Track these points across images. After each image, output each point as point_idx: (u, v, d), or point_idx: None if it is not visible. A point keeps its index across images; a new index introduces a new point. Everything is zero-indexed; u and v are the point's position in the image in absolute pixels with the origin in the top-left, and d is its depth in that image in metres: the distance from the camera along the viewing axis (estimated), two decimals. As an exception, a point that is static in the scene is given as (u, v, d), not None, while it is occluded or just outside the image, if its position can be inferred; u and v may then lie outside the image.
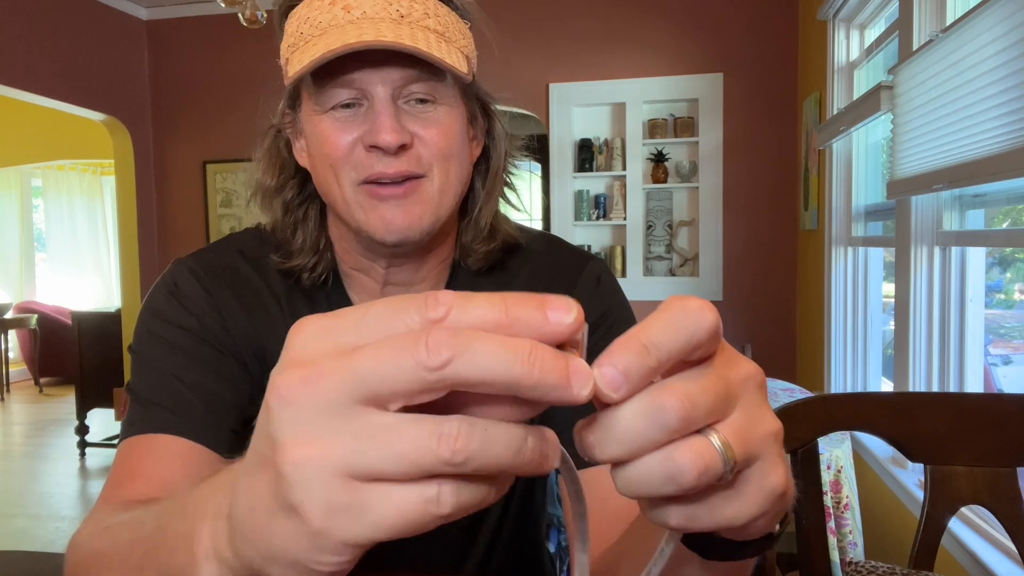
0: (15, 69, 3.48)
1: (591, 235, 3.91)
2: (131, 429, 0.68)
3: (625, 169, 3.74)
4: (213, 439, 0.68)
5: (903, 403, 0.95)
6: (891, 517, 2.08)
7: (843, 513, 1.82)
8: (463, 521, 0.26)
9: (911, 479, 1.95)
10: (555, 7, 3.80)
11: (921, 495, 0.98)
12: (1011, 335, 2.30)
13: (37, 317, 6.67)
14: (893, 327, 2.15)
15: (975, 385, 1.81)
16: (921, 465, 0.95)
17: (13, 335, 7.02)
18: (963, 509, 1.37)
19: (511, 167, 0.82)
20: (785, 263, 3.64)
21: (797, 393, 2.28)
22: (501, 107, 0.81)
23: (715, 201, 3.68)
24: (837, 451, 1.83)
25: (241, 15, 2.85)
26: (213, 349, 0.73)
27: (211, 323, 0.74)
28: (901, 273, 2.02)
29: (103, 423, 4.82)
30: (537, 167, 4.28)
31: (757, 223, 3.67)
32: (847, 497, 1.83)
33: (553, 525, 1.28)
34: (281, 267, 0.77)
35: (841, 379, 2.83)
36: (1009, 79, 1.37)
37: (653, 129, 3.73)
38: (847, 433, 1.97)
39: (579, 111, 3.85)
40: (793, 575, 2.14)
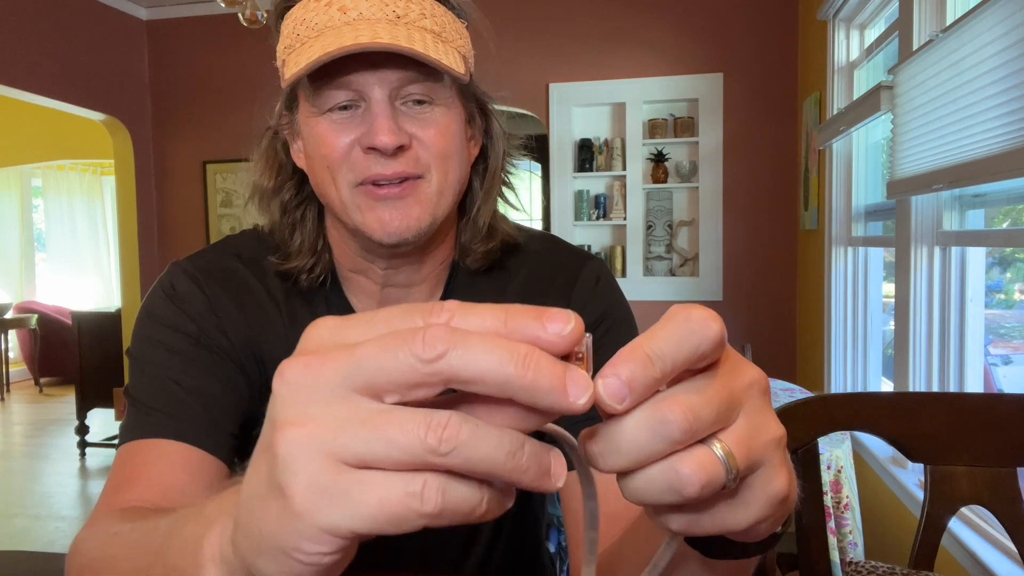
0: (15, 69, 3.48)
1: (591, 235, 3.91)
2: (130, 434, 0.68)
3: (625, 169, 3.74)
4: (212, 443, 0.68)
5: (903, 403, 0.95)
6: (891, 517, 2.08)
7: (843, 513, 1.82)
8: None
9: (911, 479, 1.95)
10: (555, 7, 3.80)
11: (921, 495, 0.98)
12: (1011, 335, 2.30)
13: (37, 317, 6.67)
14: (893, 327, 2.15)
15: (975, 385, 1.81)
16: (921, 465, 0.95)
17: (13, 335, 7.02)
18: (963, 509, 1.37)
19: (509, 167, 0.81)
20: (785, 263, 3.64)
21: (797, 393, 2.28)
22: (500, 107, 0.80)
23: (715, 201, 3.68)
24: (837, 451, 1.83)
25: (241, 15, 2.86)
26: (211, 352, 0.72)
27: (209, 326, 0.73)
28: (901, 273, 2.02)
29: (103, 423, 4.82)
30: (537, 167, 4.28)
31: (757, 223, 3.67)
32: (847, 497, 1.83)
33: (553, 525, 1.28)
34: (279, 269, 0.77)
35: (841, 379, 2.82)
36: (1009, 79, 1.37)
37: (653, 129, 3.73)
38: (847, 433, 1.97)
39: (579, 111, 3.84)
40: (793, 575, 2.14)
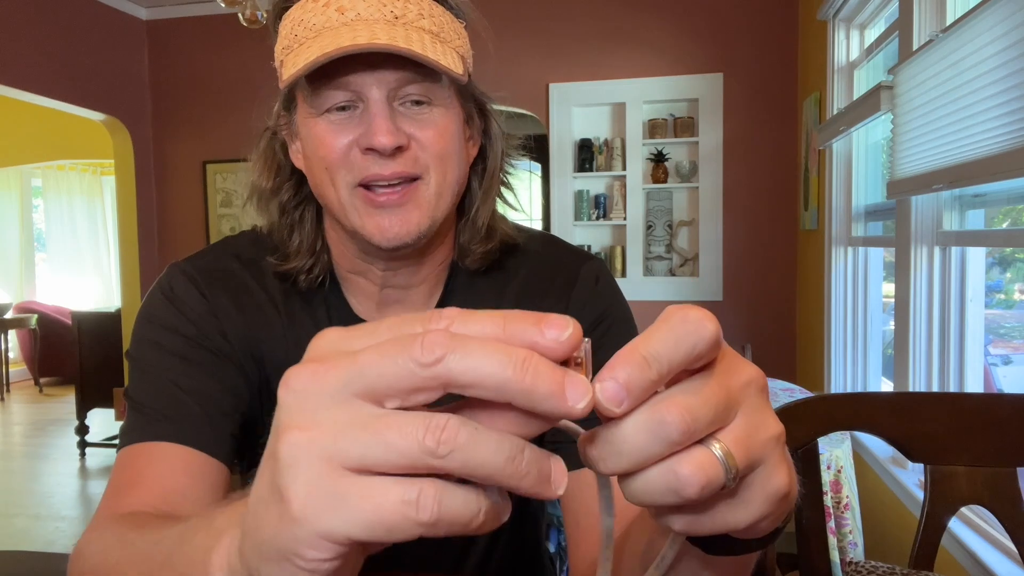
0: (15, 69, 3.48)
1: (591, 235, 3.91)
2: (130, 437, 0.68)
3: (625, 169, 3.74)
4: (214, 446, 0.68)
5: (903, 403, 0.95)
6: (891, 517, 2.08)
7: (843, 513, 1.82)
8: None
9: (911, 479, 1.95)
10: (555, 7, 3.80)
11: (921, 495, 0.98)
12: (1011, 335, 2.30)
13: (37, 317, 6.67)
14: (893, 327, 2.15)
15: (975, 385, 1.81)
16: (921, 465, 0.95)
17: (13, 335, 7.02)
18: (963, 509, 1.37)
19: (508, 167, 0.81)
20: (785, 263, 3.64)
21: (797, 393, 2.28)
22: (499, 107, 0.80)
23: (715, 201, 3.68)
24: (837, 451, 1.83)
25: (241, 15, 2.86)
26: (211, 354, 0.72)
27: (208, 328, 0.73)
28: (901, 273, 2.02)
29: (103, 423, 4.82)
30: (537, 167, 4.28)
31: (757, 223, 3.67)
32: (847, 497, 1.83)
33: (553, 525, 1.28)
34: (277, 270, 0.76)
35: (841, 379, 2.82)
36: (1009, 79, 1.37)
37: (653, 129, 3.73)
38: (847, 433, 1.97)
39: (579, 111, 3.84)
40: (793, 575, 2.14)
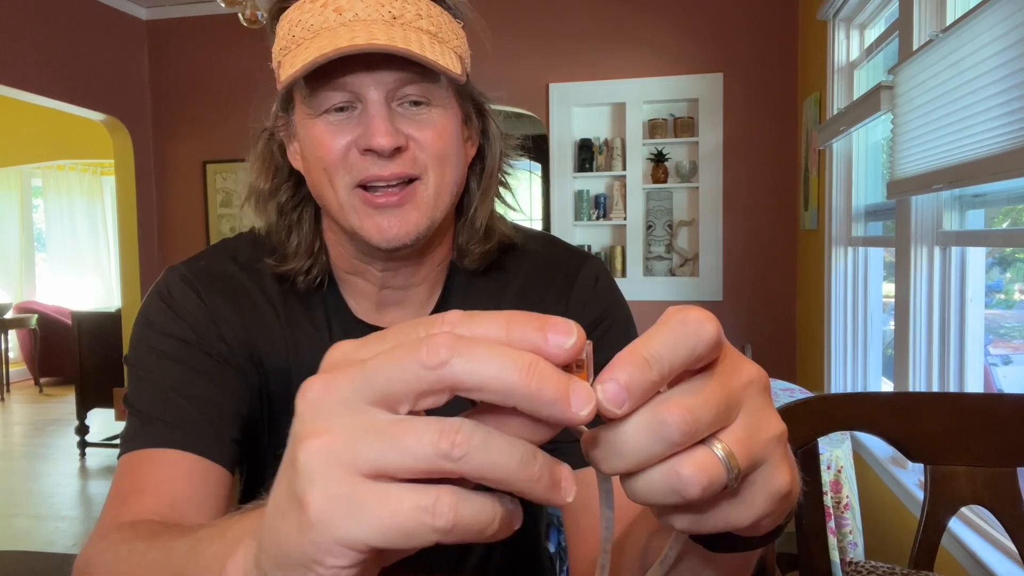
0: (15, 69, 3.48)
1: (591, 235, 3.91)
2: (131, 443, 0.68)
3: (625, 169, 3.74)
4: (215, 451, 0.68)
5: (903, 403, 0.95)
6: (891, 517, 2.08)
7: (843, 513, 1.82)
8: None
9: (911, 479, 1.94)
10: (555, 7, 3.80)
11: (921, 495, 0.98)
12: (1011, 335, 2.30)
13: (37, 317, 6.67)
14: (893, 327, 2.15)
15: (975, 385, 1.81)
16: (921, 465, 0.95)
17: (13, 335, 7.02)
18: (963, 509, 1.37)
19: (506, 167, 0.81)
20: (785, 263, 3.64)
21: (797, 393, 2.28)
22: (498, 106, 0.80)
23: (715, 201, 3.68)
24: (837, 451, 1.83)
25: (241, 15, 2.86)
26: (210, 359, 0.72)
27: (206, 332, 0.73)
28: (901, 273, 2.02)
29: (103, 423, 4.82)
30: (537, 167, 4.28)
31: (757, 223, 3.67)
32: (847, 497, 1.83)
33: (553, 525, 1.28)
34: (276, 271, 0.76)
35: (841, 379, 2.82)
36: (1009, 79, 1.37)
37: (653, 129, 3.73)
38: (847, 433, 1.97)
39: (579, 111, 3.84)
40: (793, 575, 2.14)
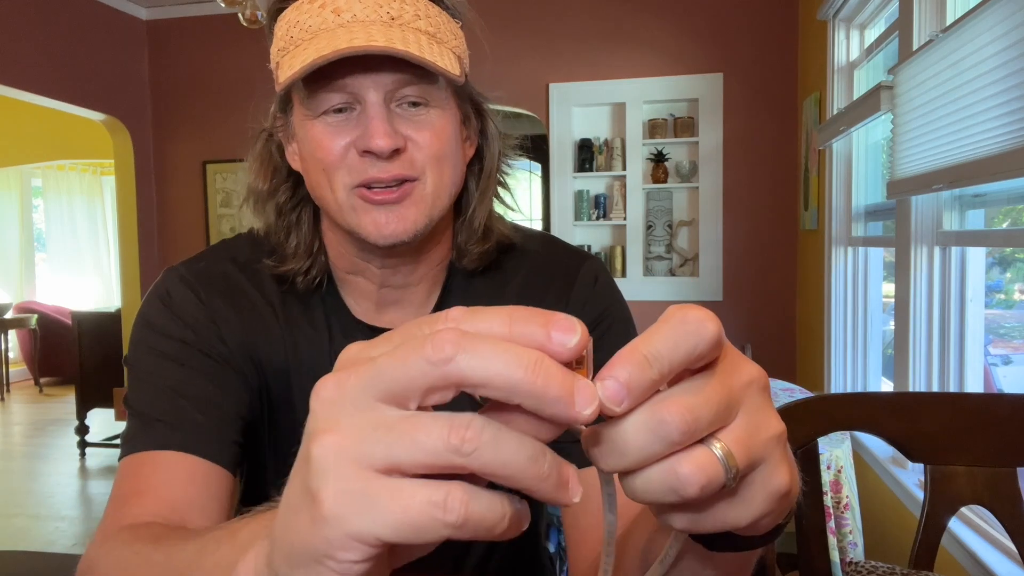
0: (15, 69, 3.48)
1: (591, 235, 3.91)
2: (132, 446, 0.67)
3: (625, 169, 3.74)
4: (216, 452, 0.68)
5: (903, 403, 0.95)
6: (891, 517, 2.08)
7: (843, 513, 1.82)
8: None
9: (911, 479, 1.94)
10: (555, 7, 3.80)
11: (921, 495, 0.98)
12: (1011, 335, 2.30)
13: (37, 317, 6.67)
14: (893, 327, 2.15)
15: (975, 385, 1.81)
16: (921, 465, 0.95)
17: (13, 335, 7.02)
18: (963, 509, 1.37)
19: (505, 167, 0.81)
20: (785, 263, 3.64)
21: (797, 393, 2.28)
22: (498, 106, 0.80)
23: (715, 201, 3.68)
24: (837, 451, 1.83)
25: (241, 15, 2.86)
26: (210, 360, 0.72)
27: (206, 333, 0.73)
28: (901, 273, 2.02)
29: (103, 423, 4.82)
30: (537, 167, 4.28)
31: (757, 223, 3.67)
32: (847, 497, 1.83)
33: (553, 525, 1.28)
34: (275, 272, 0.76)
35: (841, 379, 2.82)
36: (1009, 79, 1.37)
37: (653, 129, 3.73)
38: (847, 433, 1.97)
39: (579, 111, 3.84)
40: (793, 575, 2.14)
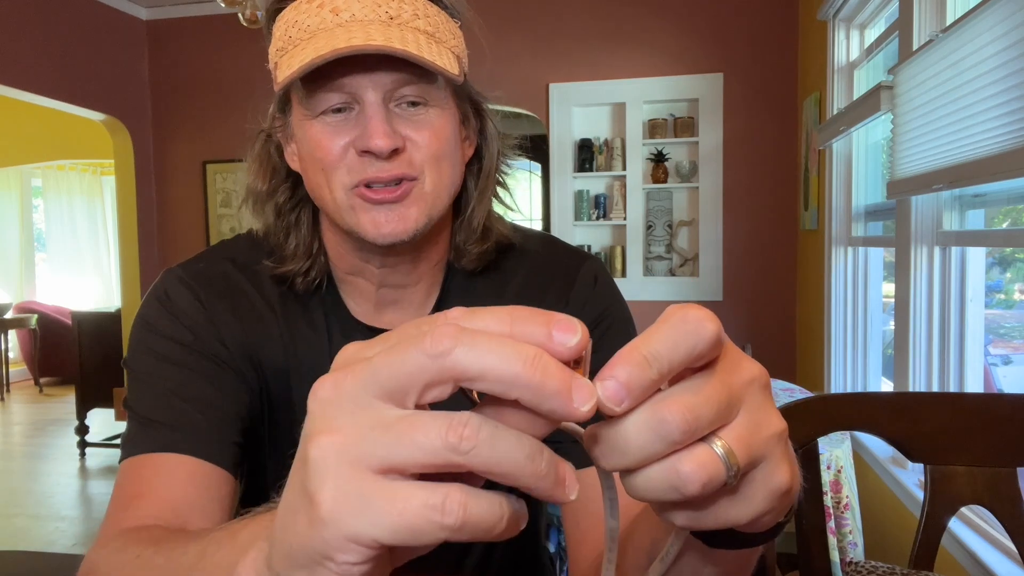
0: (15, 69, 3.48)
1: (591, 235, 3.91)
2: (132, 448, 0.67)
3: (625, 169, 3.74)
4: (217, 454, 0.67)
5: (903, 403, 0.95)
6: (891, 517, 2.08)
7: (843, 513, 1.82)
8: None
9: (911, 479, 1.94)
10: (555, 7, 3.80)
11: (921, 495, 0.98)
12: (1011, 335, 2.30)
13: (37, 317, 6.67)
14: (893, 327, 2.15)
15: (975, 385, 1.81)
16: (921, 465, 0.95)
17: (13, 335, 7.02)
18: (963, 509, 1.37)
19: (504, 167, 0.81)
20: (785, 263, 3.64)
21: (797, 393, 2.28)
22: (497, 106, 0.80)
23: (715, 201, 3.68)
24: (837, 451, 1.83)
25: (241, 15, 2.85)
26: (209, 361, 0.72)
27: (205, 335, 0.73)
28: (901, 273, 2.02)
29: (103, 423, 4.82)
30: (537, 167, 4.28)
31: (757, 223, 3.67)
32: (847, 497, 1.83)
33: (553, 525, 1.28)
34: (274, 273, 0.76)
35: (841, 379, 2.82)
36: (1009, 79, 1.37)
37: (653, 129, 3.73)
38: (847, 433, 1.97)
39: (579, 111, 3.84)
40: (793, 575, 2.14)
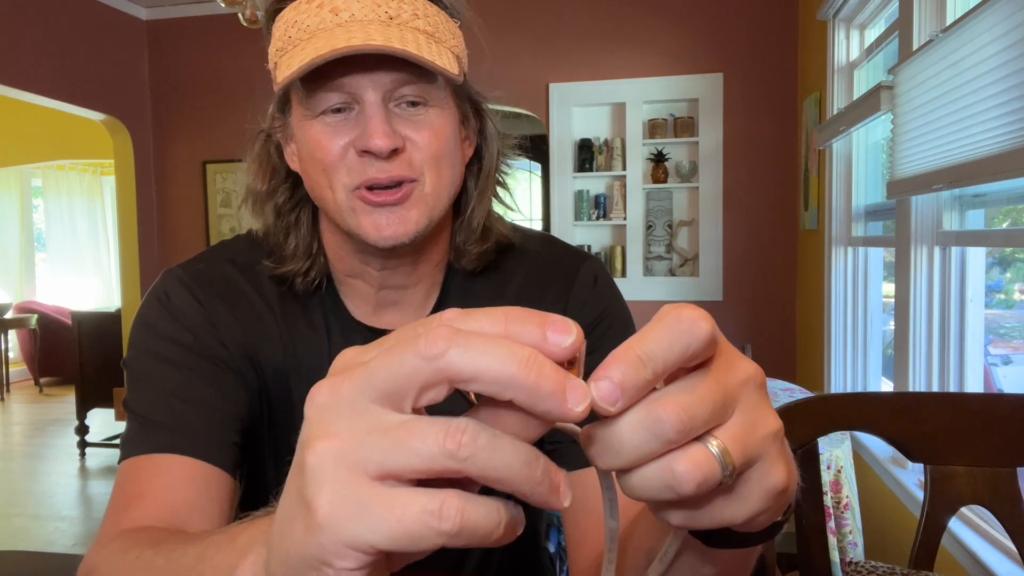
0: (15, 69, 3.48)
1: (591, 235, 3.91)
2: (131, 449, 0.67)
3: (625, 169, 3.74)
4: (216, 455, 0.67)
5: (903, 403, 0.95)
6: (891, 517, 2.08)
7: (843, 513, 1.82)
8: None
9: (911, 479, 1.94)
10: (555, 7, 3.80)
11: (921, 495, 0.98)
12: (1011, 335, 2.30)
13: (37, 317, 6.67)
14: (893, 327, 2.15)
15: (975, 385, 1.81)
16: (921, 465, 0.95)
17: (13, 335, 7.02)
18: (963, 509, 1.37)
19: (504, 167, 0.81)
20: (785, 263, 3.64)
21: (797, 393, 2.28)
22: (497, 106, 0.80)
23: (715, 201, 3.68)
24: (837, 451, 1.83)
25: (241, 15, 2.85)
26: (209, 362, 0.72)
27: (205, 335, 0.73)
28: (901, 273, 2.02)
29: (103, 423, 4.82)
30: (537, 167, 4.28)
31: (757, 223, 3.67)
32: (847, 497, 1.83)
33: (553, 525, 1.28)
34: (274, 273, 0.76)
35: (841, 379, 2.82)
36: (1009, 79, 1.37)
37: (653, 129, 3.73)
38: (847, 433, 1.97)
39: (579, 111, 3.84)
40: (793, 575, 2.14)
